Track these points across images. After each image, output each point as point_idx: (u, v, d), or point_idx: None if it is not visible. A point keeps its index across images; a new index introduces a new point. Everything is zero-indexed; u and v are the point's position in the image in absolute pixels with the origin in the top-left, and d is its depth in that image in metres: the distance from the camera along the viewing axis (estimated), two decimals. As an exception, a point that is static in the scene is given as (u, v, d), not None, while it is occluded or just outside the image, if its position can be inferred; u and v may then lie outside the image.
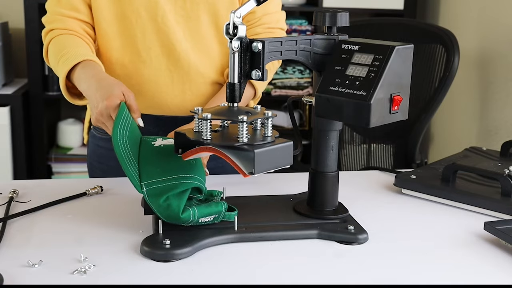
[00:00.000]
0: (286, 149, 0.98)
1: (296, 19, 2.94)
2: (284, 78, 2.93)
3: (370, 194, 1.29)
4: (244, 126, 0.94)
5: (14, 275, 0.89)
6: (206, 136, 0.96)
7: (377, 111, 1.01)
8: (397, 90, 1.03)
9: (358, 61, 1.04)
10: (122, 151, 1.02)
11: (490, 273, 0.96)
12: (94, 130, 1.50)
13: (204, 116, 0.95)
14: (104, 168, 1.48)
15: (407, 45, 1.04)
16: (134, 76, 1.37)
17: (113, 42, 1.36)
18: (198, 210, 1.02)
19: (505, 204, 1.16)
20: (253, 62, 0.99)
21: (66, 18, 1.35)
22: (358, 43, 1.05)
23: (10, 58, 2.86)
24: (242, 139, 0.94)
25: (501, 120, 2.30)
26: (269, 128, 0.99)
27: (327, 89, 1.04)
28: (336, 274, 0.94)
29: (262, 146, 0.94)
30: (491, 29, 2.40)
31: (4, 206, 1.15)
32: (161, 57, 1.35)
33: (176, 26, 1.34)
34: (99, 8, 1.34)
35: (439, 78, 1.83)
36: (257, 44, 0.97)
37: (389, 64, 1.01)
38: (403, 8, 2.90)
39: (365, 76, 1.02)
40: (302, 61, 1.06)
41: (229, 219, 1.05)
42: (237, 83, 0.99)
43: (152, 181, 1.01)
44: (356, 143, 2.13)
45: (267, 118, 0.98)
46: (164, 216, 1.00)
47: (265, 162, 0.94)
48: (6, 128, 2.67)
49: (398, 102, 1.03)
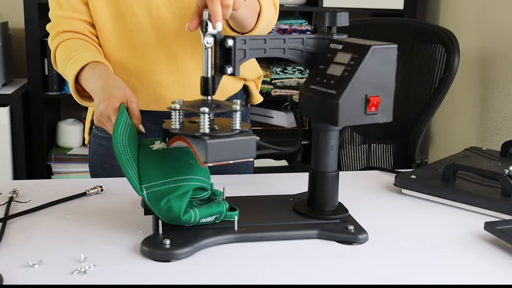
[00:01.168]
0: (247, 143, 0.99)
1: (296, 19, 2.94)
2: (284, 78, 2.93)
3: (370, 194, 1.29)
4: (205, 118, 0.97)
5: (14, 275, 0.89)
6: (175, 125, 1.02)
7: (347, 111, 1.01)
8: (374, 91, 1.03)
9: (339, 60, 1.04)
10: (122, 154, 1.02)
11: (490, 273, 0.96)
12: (96, 129, 1.50)
13: (173, 107, 1.01)
14: (106, 167, 1.48)
15: (387, 45, 1.03)
16: (133, 73, 1.37)
17: (110, 40, 1.36)
18: (199, 211, 1.02)
19: (505, 204, 1.16)
20: (226, 58, 1.03)
21: (70, 20, 1.35)
22: (344, 42, 1.05)
23: (10, 58, 2.86)
24: (204, 130, 0.98)
25: (501, 120, 2.31)
26: (237, 121, 1.00)
27: (308, 87, 1.07)
28: (336, 274, 0.94)
29: (219, 137, 0.97)
30: (491, 29, 2.40)
31: (4, 206, 1.15)
32: (158, 52, 1.35)
33: (171, 19, 1.33)
34: (95, 7, 1.34)
35: (439, 78, 1.83)
36: (229, 40, 1.02)
37: (363, 64, 1.01)
38: (403, 8, 2.90)
39: (340, 75, 1.02)
40: (292, 59, 1.08)
41: (230, 218, 1.05)
42: (210, 77, 1.03)
43: (152, 184, 1.01)
44: (356, 143, 2.13)
45: (235, 111, 1.00)
46: (165, 218, 1.01)
47: (220, 153, 0.97)
48: (6, 128, 2.67)
49: (375, 103, 1.03)
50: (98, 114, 1.16)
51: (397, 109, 1.98)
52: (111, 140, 0.96)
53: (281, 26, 2.88)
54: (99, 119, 1.16)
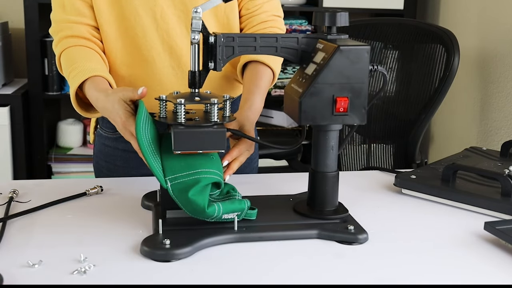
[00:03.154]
0: (216, 134, 1.04)
1: (296, 19, 2.94)
2: (284, 78, 2.93)
3: (370, 194, 1.29)
4: (181, 108, 1.03)
5: (14, 275, 0.89)
6: (162, 115, 1.08)
7: (311, 110, 1.03)
8: (343, 92, 1.03)
9: (315, 59, 1.06)
10: (147, 147, 1.04)
11: (490, 273, 0.96)
12: (100, 129, 1.50)
13: (160, 97, 1.07)
14: (110, 167, 1.48)
15: (358, 46, 1.03)
16: (139, 76, 1.37)
17: (115, 43, 1.36)
18: (222, 206, 1.03)
19: (505, 204, 1.16)
20: (210, 53, 1.09)
21: (73, 25, 1.34)
22: (327, 42, 1.06)
23: (10, 58, 2.86)
24: (180, 120, 1.03)
25: (501, 120, 2.31)
26: (214, 113, 1.05)
27: (290, 86, 1.09)
28: (336, 274, 0.94)
29: (188, 127, 1.03)
30: (491, 29, 2.40)
31: (4, 206, 1.15)
32: (163, 55, 1.35)
33: (176, 22, 1.34)
34: (99, 10, 1.34)
35: (439, 78, 1.83)
36: (211, 37, 1.08)
37: (329, 64, 1.01)
38: (403, 8, 2.90)
39: (310, 75, 1.03)
40: (285, 57, 1.11)
41: (250, 217, 1.06)
42: (196, 71, 1.09)
43: (176, 175, 1.03)
44: (356, 143, 2.13)
45: (213, 104, 1.05)
46: (189, 210, 1.02)
47: (188, 142, 1.03)
48: (6, 128, 2.67)
49: (343, 104, 1.03)
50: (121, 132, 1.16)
51: (397, 109, 1.99)
52: (116, 140, 0.98)
53: (281, 26, 2.88)
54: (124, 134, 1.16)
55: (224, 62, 1.09)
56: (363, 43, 1.04)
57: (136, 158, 1.42)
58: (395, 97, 2.01)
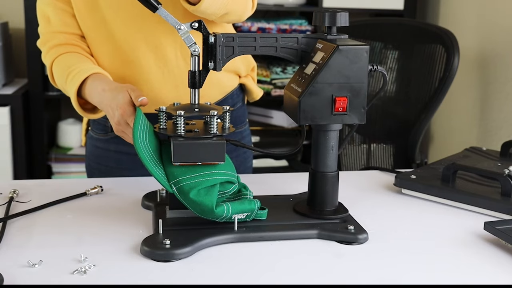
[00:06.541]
0: (216, 146, 1.04)
1: (296, 19, 2.94)
2: (284, 78, 2.93)
3: (370, 194, 1.30)
4: (181, 120, 1.03)
5: (14, 275, 0.89)
6: (162, 126, 1.08)
7: (310, 110, 1.03)
8: (342, 92, 1.03)
9: (315, 59, 1.06)
10: (146, 155, 1.04)
11: (490, 273, 0.96)
12: (91, 131, 1.50)
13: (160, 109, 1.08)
14: (102, 169, 1.48)
15: (358, 46, 1.03)
16: (127, 78, 1.36)
17: (100, 47, 1.36)
18: (232, 206, 1.03)
19: (505, 204, 1.16)
20: (210, 53, 1.09)
21: (59, 34, 1.35)
22: (326, 42, 1.06)
23: (10, 58, 2.86)
24: (180, 131, 1.03)
25: (501, 120, 2.31)
26: (214, 125, 1.05)
27: (289, 85, 1.10)
28: (336, 274, 0.94)
29: (187, 139, 1.03)
30: (491, 29, 2.40)
31: (4, 206, 1.15)
32: (148, 55, 1.34)
33: (158, 21, 1.33)
34: (81, 18, 1.34)
35: (439, 78, 1.83)
36: (211, 37, 1.08)
37: (329, 64, 1.02)
38: (403, 8, 2.90)
39: (309, 74, 1.03)
40: (285, 57, 1.11)
41: (260, 217, 1.06)
42: (196, 71, 1.09)
43: (179, 179, 1.03)
44: (356, 143, 2.14)
45: (212, 116, 1.05)
46: (198, 211, 1.02)
47: (187, 154, 1.02)
48: (6, 128, 2.67)
49: (342, 104, 1.03)
50: (116, 124, 1.17)
51: (397, 109, 1.99)
52: (107, 141, 0.97)
53: (281, 26, 2.88)
54: (118, 128, 1.18)
55: (224, 62, 1.09)
56: (363, 43, 1.04)
57: (129, 159, 1.42)
58: (395, 97, 2.01)
